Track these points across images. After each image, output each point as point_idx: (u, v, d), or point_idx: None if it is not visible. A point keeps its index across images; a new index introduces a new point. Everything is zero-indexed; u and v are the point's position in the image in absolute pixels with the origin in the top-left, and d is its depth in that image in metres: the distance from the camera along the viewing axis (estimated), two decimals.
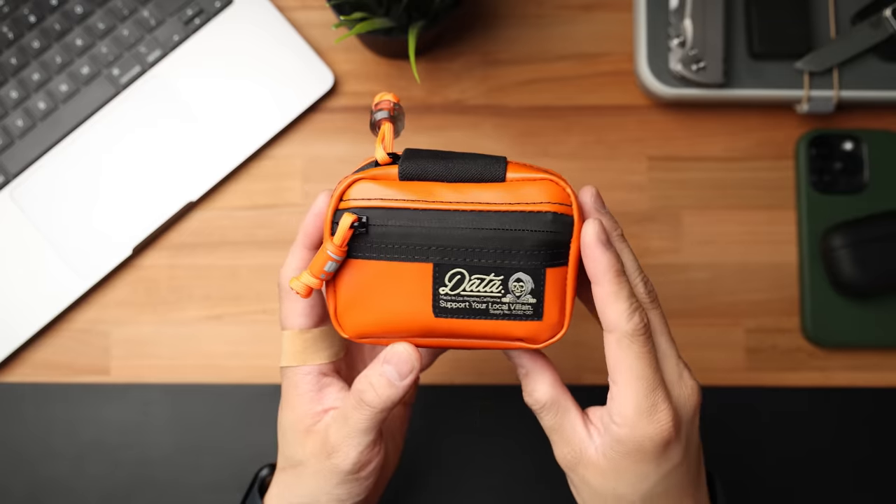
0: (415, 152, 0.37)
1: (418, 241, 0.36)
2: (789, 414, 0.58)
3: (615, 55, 0.61)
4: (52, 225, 0.58)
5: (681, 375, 0.38)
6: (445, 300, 0.36)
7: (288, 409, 0.41)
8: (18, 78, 0.59)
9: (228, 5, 0.60)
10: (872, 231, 0.56)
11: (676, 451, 0.37)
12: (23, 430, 0.58)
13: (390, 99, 0.38)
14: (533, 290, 0.36)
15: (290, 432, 0.41)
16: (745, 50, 0.58)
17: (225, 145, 0.59)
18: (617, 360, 0.36)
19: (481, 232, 0.35)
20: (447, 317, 0.37)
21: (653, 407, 0.36)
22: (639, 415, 0.36)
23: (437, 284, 0.36)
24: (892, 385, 0.58)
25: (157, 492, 0.57)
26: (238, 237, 0.59)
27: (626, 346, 0.36)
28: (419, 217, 0.35)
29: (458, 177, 0.36)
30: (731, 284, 0.59)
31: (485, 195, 0.36)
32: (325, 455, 0.39)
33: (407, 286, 0.36)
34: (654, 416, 0.36)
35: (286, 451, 0.42)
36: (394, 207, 0.35)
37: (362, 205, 0.36)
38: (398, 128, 0.38)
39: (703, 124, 0.60)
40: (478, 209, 0.35)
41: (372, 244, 0.36)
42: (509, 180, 0.36)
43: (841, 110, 0.60)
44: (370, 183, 0.36)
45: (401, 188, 0.36)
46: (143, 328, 0.58)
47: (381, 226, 0.35)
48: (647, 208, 0.59)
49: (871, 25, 0.57)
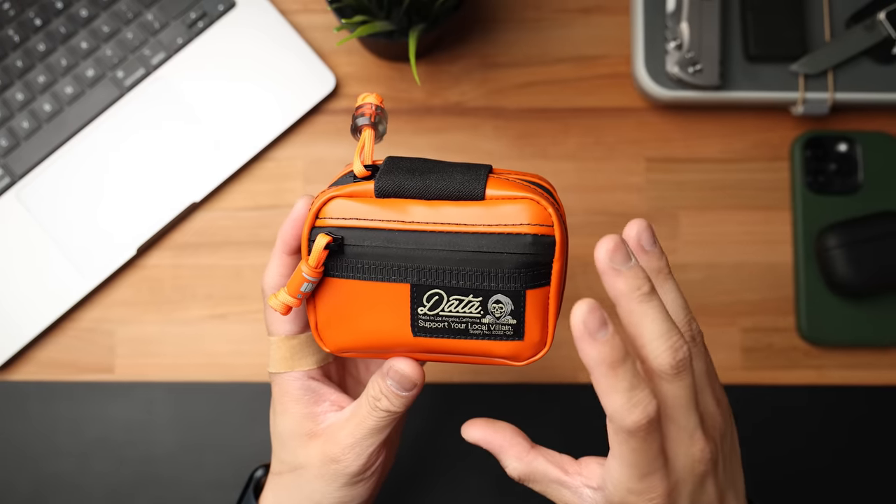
0: (394, 165, 0.36)
1: (395, 262, 0.35)
2: (785, 411, 0.58)
3: (613, 58, 0.61)
4: (57, 225, 0.58)
5: (690, 442, 0.35)
6: (424, 320, 0.35)
7: (283, 414, 0.41)
8: (24, 80, 0.59)
9: (231, 9, 0.60)
10: (866, 231, 0.56)
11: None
12: (28, 427, 0.58)
13: (373, 102, 0.37)
14: (513, 311, 0.35)
15: (288, 437, 0.41)
16: (741, 53, 0.58)
17: (228, 147, 0.59)
18: (613, 444, 0.34)
19: (458, 254, 0.34)
20: (426, 336, 0.36)
21: (646, 489, 0.34)
22: (628, 493, 0.34)
23: (415, 304, 0.35)
24: (886, 383, 0.58)
25: (162, 489, 0.57)
26: (241, 237, 0.59)
27: (623, 441, 0.33)
28: (395, 238, 0.34)
29: (435, 195, 0.35)
30: (728, 284, 0.59)
31: (462, 214, 0.34)
32: (330, 459, 0.39)
33: (385, 305, 0.35)
34: (646, 495, 0.34)
35: (284, 455, 0.41)
36: (370, 228, 0.34)
37: (338, 224, 0.35)
38: (380, 132, 0.37)
39: (699, 126, 0.60)
40: (454, 230, 0.34)
41: (348, 264, 0.35)
42: (489, 198, 0.34)
43: (835, 112, 0.60)
44: (346, 200, 0.35)
45: (377, 206, 0.34)
46: (147, 327, 0.59)
47: (357, 246, 0.34)
48: (644, 209, 0.60)
49: (865, 28, 0.57)
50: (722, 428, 0.37)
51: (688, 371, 0.33)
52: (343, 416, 0.40)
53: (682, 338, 0.33)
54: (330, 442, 0.39)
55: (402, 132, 0.60)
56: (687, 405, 0.34)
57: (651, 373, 0.34)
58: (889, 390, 0.58)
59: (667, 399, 0.34)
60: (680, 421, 0.34)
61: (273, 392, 0.42)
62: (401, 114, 0.60)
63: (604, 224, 0.59)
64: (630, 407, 0.32)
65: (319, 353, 0.41)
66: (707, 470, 0.35)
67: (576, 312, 0.31)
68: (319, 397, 0.40)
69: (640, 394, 0.32)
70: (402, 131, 0.60)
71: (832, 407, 0.58)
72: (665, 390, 0.34)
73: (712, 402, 0.36)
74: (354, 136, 0.37)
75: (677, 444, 0.34)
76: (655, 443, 0.33)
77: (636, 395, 0.32)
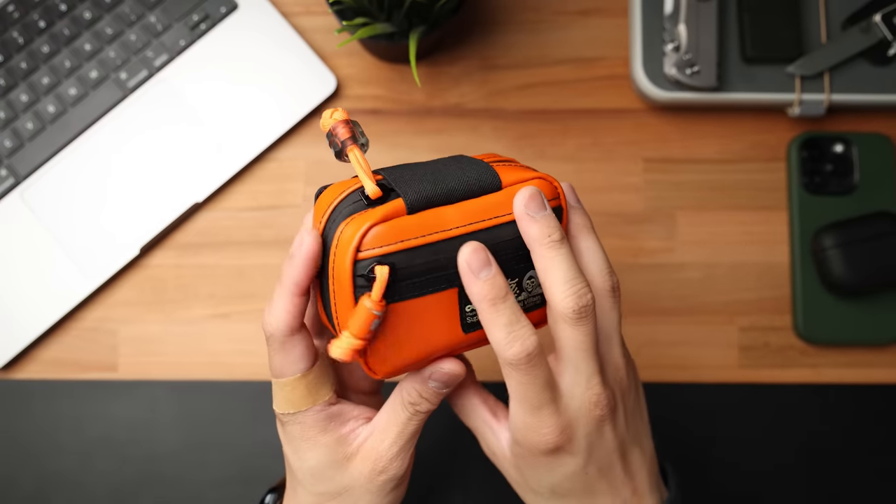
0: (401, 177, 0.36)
1: (443, 272, 0.35)
2: (781, 409, 0.58)
3: (611, 59, 0.61)
4: (61, 225, 0.58)
5: (588, 386, 0.36)
6: (472, 315, 0.36)
7: (312, 449, 0.39)
8: (28, 82, 0.59)
9: (233, 11, 0.60)
10: (862, 231, 0.57)
11: (570, 460, 0.37)
12: (32, 426, 0.58)
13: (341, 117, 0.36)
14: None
15: (326, 469, 0.39)
16: (738, 54, 0.58)
17: (230, 147, 0.59)
18: (506, 381, 0.36)
19: (498, 245, 0.36)
20: (474, 330, 0.37)
21: (538, 423, 0.36)
22: (525, 428, 0.36)
23: (462, 304, 0.36)
24: (881, 381, 0.59)
25: (165, 487, 0.57)
26: (243, 237, 0.60)
27: (508, 375, 0.35)
28: (440, 248, 0.35)
29: (461, 197, 0.36)
30: (725, 283, 0.59)
31: (490, 207, 0.36)
32: (378, 471, 0.39)
33: (437, 315, 0.36)
34: (539, 430, 0.36)
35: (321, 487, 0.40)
36: (416, 246, 0.34)
37: (384, 251, 0.34)
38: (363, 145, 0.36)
39: (697, 127, 0.61)
40: (490, 224, 0.35)
41: (401, 287, 0.34)
42: (505, 185, 0.36)
43: (832, 113, 0.61)
44: (383, 226, 0.34)
45: (413, 223, 0.34)
46: (150, 326, 0.59)
47: (407, 267, 0.34)
48: (642, 209, 0.60)
49: (861, 30, 0.57)
50: (624, 382, 0.38)
51: (590, 318, 0.35)
52: (378, 427, 0.39)
53: (586, 285, 0.35)
54: (372, 456, 0.39)
55: (402, 133, 0.61)
56: (586, 350, 0.36)
57: (555, 315, 0.35)
58: (884, 388, 0.58)
59: (566, 341, 0.36)
60: (578, 364, 0.36)
61: (291, 432, 0.40)
62: (401, 115, 0.61)
63: (603, 224, 0.60)
64: (510, 341, 0.34)
65: (332, 378, 0.40)
66: (604, 415, 0.37)
67: (461, 253, 0.34)
68: (343, 418, 0.40)
69: (520, 329, 0.34)
70: (403, 132, 0.61)
71: (828, 405, 0.58)
72: (565, 333, 0.35)
73: (619, 354, 0.38)
74: (341, 159, 0.36)
75: (574, 386, 0.36)
76: (540, 377, 0.35)
77: (516, 330, 0.34)
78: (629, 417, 0.39)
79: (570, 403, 0.36)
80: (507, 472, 0.40)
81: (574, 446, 0.37)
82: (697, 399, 0.58)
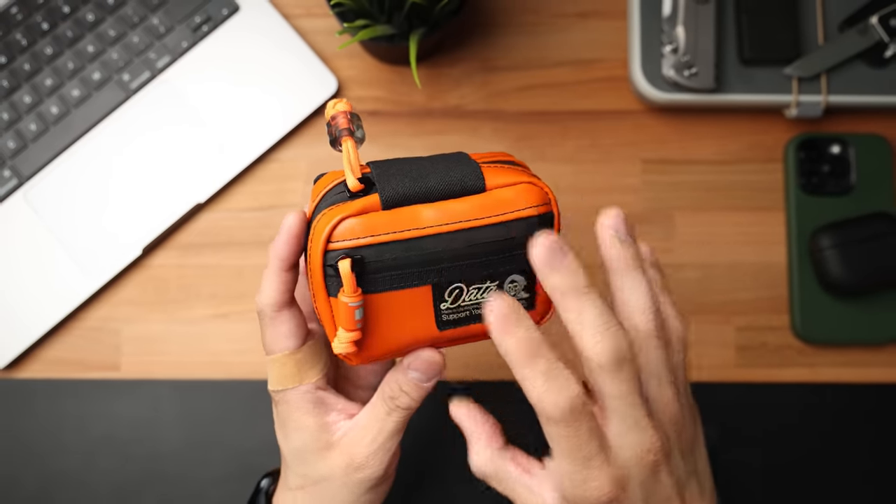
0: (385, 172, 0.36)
1: (415, 269, 0.35)
2: (778, 408, 0.58)
3: (610, 61, 0.62)
4: (63, 226, 0.59)
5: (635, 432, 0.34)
6: (447, 314, 0.37)
7: (296, 430, 0.40)
8: (32, 83, 0.60)
9: (235, 13, 0.61)
10: (859, 232, 0.57)
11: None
12: (35, 425, 0.58)
13: (344, 108, 0.36)
14: (526, 286, 0.37)
15: (307, 452, 0.40)
16: (735, 56, 0.58)
17: (232, 148, 0.60)
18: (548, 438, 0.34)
19: (475, 247, 0.35)
20: (451, 328, 0.37)
21: (588, 477, 0.34)
22: (574, 485, 0.34)
23: (437, 302, 0.36)
24: (878, 380, 0.59)
25: (167, 485, 0.58)
26: (244, 237, 0.60)
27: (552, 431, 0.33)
28: (412, 245, 0.35)
29: (439, 196, 0.35)
30: (723, 283, 0.59)
31: (469, 209, 0.35)
32: (354, 467, 0.39)
33: (410, 310, 0.36)
34: (590, 484, 0.34)
35: (303, 469, 0.41)
36: (387, 241, 0.35)
37: (354, 244, 0.34)
38: (359, 138, 0.36)
39: (695, 128, 0.61)
40: (467, 227, 0.35)
41: (370, 280, 0.35)
42: (489, 188, 0.36)
43: (829, 115, 0.61)
44: (355, 219, 0.34)
45: (386, 219, 0.35)
46: (152, 326, 0.59)
47: (377, 261, 0.35)
48: (640, 210, 0.60)
49: (858, 32, 0.58)
50: (678, 419, 0.36)
51: (628, 364, 0.33)
52: (359, 424, 0.39)
53: (620, 329, 0.33)
54: (350, 451, 0.39)
55: (402, 135, 0.61)
56: (628, 396, 0.33)
57: (591, 365, 0.33)
58: (881, 387, 0.59)
59: (606, 391, 0.33)
60: (624, 412, 0.34)
61: (280, 410, 0.41)
62: (401, 116, 0.61)
63: None
64: (550, 394, 0.32)
65: (322, 361, 0.40)
66: (658, 460, 0.34)
67: (492, 309, 0.32)
68: (328, 407, 0.40)
69: (559, 379, 0.32)
70: (403, 134, 0.61)
71: (825, 404, 0.58)
72: (604, 383, 0.33)
73: (670, 392, 0.35)
74: (335, 147, 0.36)
75: (622, 437, 0.34)
76: (584, 427, 0.33)
77: (555, 382, 0.32)
78: (685, 456, 0.36)
79: (619, 453, 0.34)
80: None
81: (629, 497, 0.34)
82: (695, 398, 0.58)
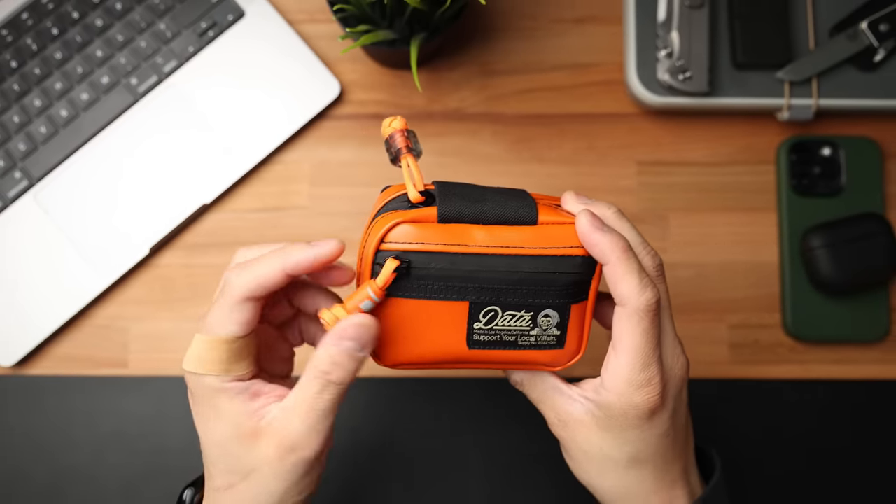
0: (447, 191, 0.37)
1: (457, 283, 0.36)
2: (770, 405, 0.59)
3: (606, 65, 0.62)
4: (73, 226, 0.59)
5: (675, 350, 0.38)
6: (479, 334, 0.38)
7: (217, 419, 0.37)
8: (42, 87, 0.60)
9: (240, 18, 0.62)
10: (849, 232, 0.58)
11: (661, 420, 0.38)
12: (45, 420, 0.59)
13: (400, 126, 0.38)
14: (559, 323, 0.38)
15: (229, 443, 0.37)
16: (728, 60, 0.59)
17: (237, 150, 0.60)
18: (622, 333, 0.37)
19: (516, 274, 0.36)
20: (480, 349, 0.38)
21: (646, 380, 0.37)
22: (629, 385, 0.37)
23: (471, 320, 0.37)
24: (868, 377, 0.59)
25: (173, 480, 0.58)
26: (249, 237, 0.61)
27: (636, 322, 0.36)
28: (458, 260, 0.36)
29: (493, 220, 0.37)
30: (716, 282, 0.60)
31: (518, 237, 0.36)
32: (286, 451, 0.36)
33: (443, 322, 0.37)
34: (645, 388, 0.37)
35: (229, 464, 0.37)
36: (435, 251, 0.36)
37: (404, 248, 0.36)
38: (417, 153, 0.38)
39: (689, 131, 0.61)
40: (513, 253, 0.36)
41: (412, 285, 0.36)
42: (541, 223, 0.37)
43: (820, 118, 0.61)
44: (410, 226, 0.36)
45: (439, 231, 0.36)
46: (159, 324, 0.60)
47: (423, 268, 0.36)
48: (635, 210, 0.61)
49: (848, 37, 0.58)
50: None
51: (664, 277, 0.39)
52: (289, 404, 0.37)
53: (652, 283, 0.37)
54: (281, 434, 0.36)
55: None
56: (669, 308, 0.39)
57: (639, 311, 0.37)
58: (870, 384, 0.59)
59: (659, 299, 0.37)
60: (664, 337, 0.38)
61: (196, 394, 0.37)
62: None
63: None
64: (643, 287, 0.36)
65: (252, 356, 0.38)
66: (685, 379, 0.39)
67: (580, 220, 0.36)
68: (255, 394, 0.37)
69: (648, 279, 0.36)
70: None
71: (816, 400, 0.59)
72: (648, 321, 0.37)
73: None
74: (395, 164, 0.38)
75: (665, 347, 0.38)
76: (657, 329, 0.37)
77: (646, 277, 0.36)
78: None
79: (666, 363, 0.38)
80: (577, 441, 0.39)
81: (666, 408, 0.38)
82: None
